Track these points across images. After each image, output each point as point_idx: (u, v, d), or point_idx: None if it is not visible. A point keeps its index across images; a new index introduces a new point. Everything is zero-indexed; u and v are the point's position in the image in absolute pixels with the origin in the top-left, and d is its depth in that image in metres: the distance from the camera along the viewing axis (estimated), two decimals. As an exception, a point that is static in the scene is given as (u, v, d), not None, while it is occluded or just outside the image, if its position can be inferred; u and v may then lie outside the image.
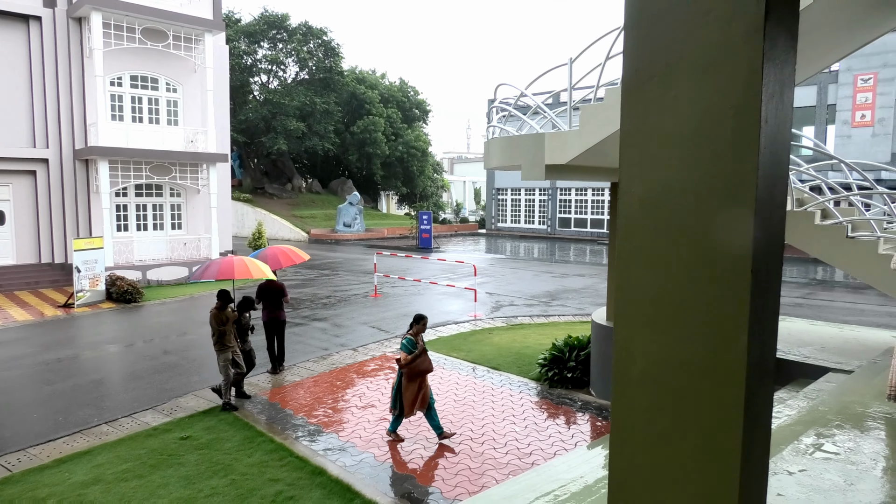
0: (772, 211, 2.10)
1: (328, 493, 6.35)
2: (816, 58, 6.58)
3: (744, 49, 1.97)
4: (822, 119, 28.88)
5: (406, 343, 7.48)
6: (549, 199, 40.97)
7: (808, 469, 3.55)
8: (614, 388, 2.40)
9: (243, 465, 7.01)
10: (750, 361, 2.05)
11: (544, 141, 7.17)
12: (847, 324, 9.22)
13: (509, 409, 8.71)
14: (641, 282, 2.28)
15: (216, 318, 8.78)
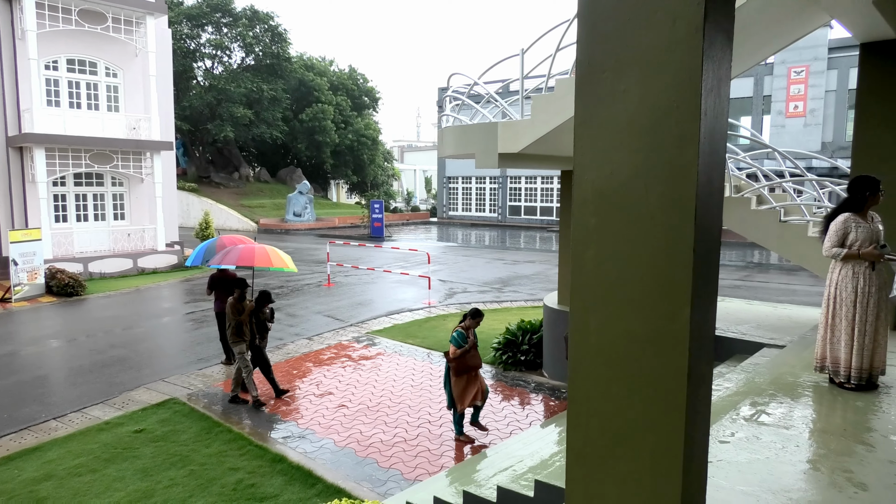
0: (711, 196, 2.31)
1: (289, 480, 6.41)
2: (753, 51, 6.95)
3: (686, 47, 2.16)
4: (759, 109, 30.13)
5: (456, 336, 7.08)
6: (500, 188, 41.43)
7: (746, 435, 3.85)
8: (571, 361, 2.59)
9: (201, 456, 6.99)
10: (692, 333, 2.26)
11: (497, 130, 7.34)
12: (780, 303, 9.78)
13: (465, 393, 8.90)
14: (595, 262, 2.46)
15: (234, 308, 8.59)
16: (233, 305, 8.60)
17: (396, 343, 11.49)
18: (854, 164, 6.68)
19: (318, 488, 6.24)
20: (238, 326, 8.57)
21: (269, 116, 41.10)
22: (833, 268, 4.70)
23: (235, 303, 8.60)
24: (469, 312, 7.27)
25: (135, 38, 20.30)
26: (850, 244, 4.53)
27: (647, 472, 2.37)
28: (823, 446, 3.70)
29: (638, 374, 2.39)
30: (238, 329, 8.57)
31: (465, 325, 7.21)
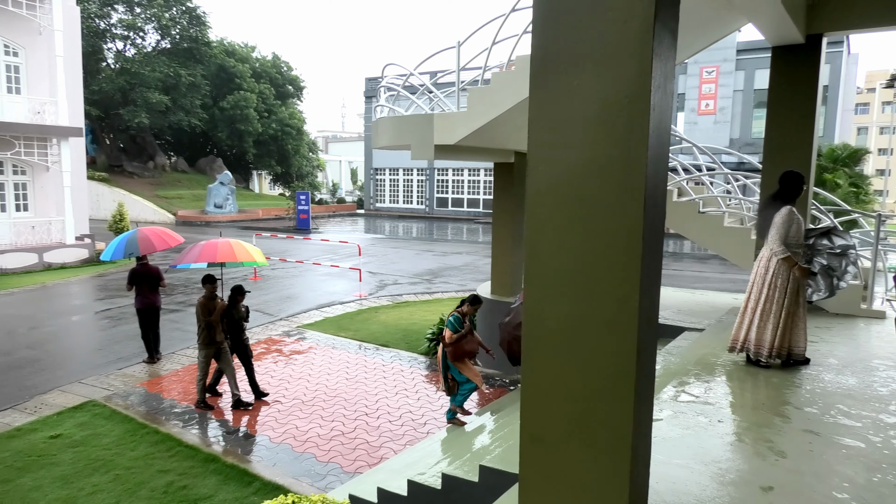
0: (657, 187, 2.44)
1: (224, 479, 6.24)
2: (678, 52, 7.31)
3: (637, 45, 2.27)
4: (675, 106, 31.62)
5: (453, 320, 6.79)
6: (427, 180, 41.54)
7: (678, 412, 4.09)
8: (525, 346, 2.68)
9: (127, 460, 6.68)
10: (641, 317, 2.39)
11: (433, 121, 7.38)
12: (697, 289, 10.37)
13: (401, 384, 8.95)
14: (549, 252, 2.55)
15: (203, 308, 7.88)
16: (202, 305, 7.88)
17: (329, 336, 11.37)
18: (765, 159, 7.16)
19: (255, 486, 6.11)
20: (209, 328, 7.89)
21: (187, 103, 39.34)
22: (760, 255, 5.04)
23: (205, 302, 7.89)
24: (468, 298, 7.02)
25: (38, 15, 18.91)
26: (792, 236, 4.87)
27: (600, 450, 2.49)
28: (745, 419, 3.99)
29: (590, 357, 2.50)
30: (210, 331, 7.91)
31: (462, 311, 6.95)
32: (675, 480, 3.11)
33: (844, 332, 6.31)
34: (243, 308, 8.34)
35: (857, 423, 3.92)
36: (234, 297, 8.19)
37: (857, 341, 6.06)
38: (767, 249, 4.99)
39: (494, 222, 10.30)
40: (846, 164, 22.37)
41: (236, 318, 8.22)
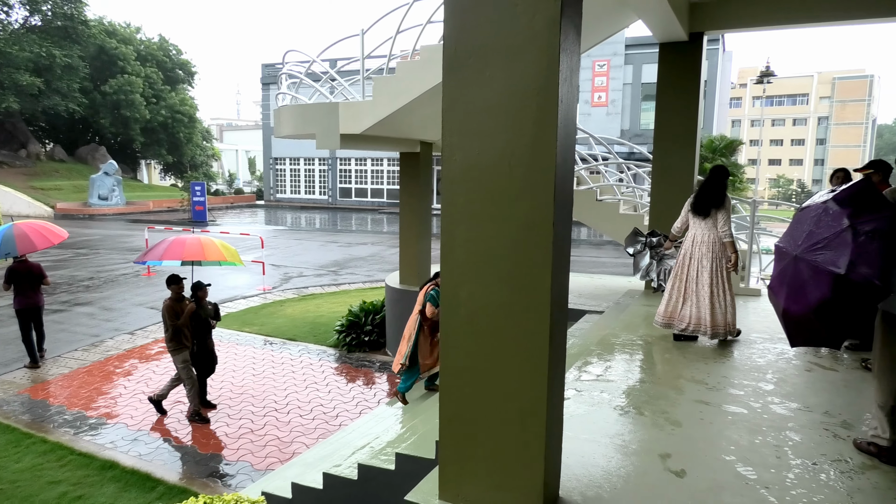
0: (566, 175, 2.56)
1: (124, 486, 5.91)
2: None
3: (545, 39, 2.36)
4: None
5: (434, 294, 6.34)
6: (330, 170, 40.79)
7: (582, 390, 4.31)
8: (442, 332, 2.74)
9: (11, 473, 6.16)
10: (552, 300, 2.50)
11: (338, 110, 7.27)
12: (595, 274, 10.91)
13: (311, 377, 8.81)
14: (464, 238, 2.62)
15: (170, 310, 7.22)
16: (169, 308, 7.21)
17: (232, 332, 10.97)
18: (655, 149, 7.64)
19: (159, 491, 5.83)
20: (176, 332, 7.23)
21: (63, 86, 36.29)
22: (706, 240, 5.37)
23: (172, 304, 7.23)
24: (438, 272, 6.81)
25: None
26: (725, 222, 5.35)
27: (515, 428, 2.59)
28: (644, 394, 4.27)
29: (506, 339, 2.60)
30: (176, 335, 7.24)
31: (438, 283, 6.54)
32: (583, 454, 3.29)
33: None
34: (210, 306, 7.72)
35: (741, 391, 4.30)
36: (195, 295, 7.52)
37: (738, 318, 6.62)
38: (714, 233, 5.35)
39: (401, 212, 10.31)
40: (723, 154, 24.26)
41: (203, 318, 7.55)
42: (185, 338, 7.30)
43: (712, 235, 5.35)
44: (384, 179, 39.26)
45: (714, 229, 5.35)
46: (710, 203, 5.33)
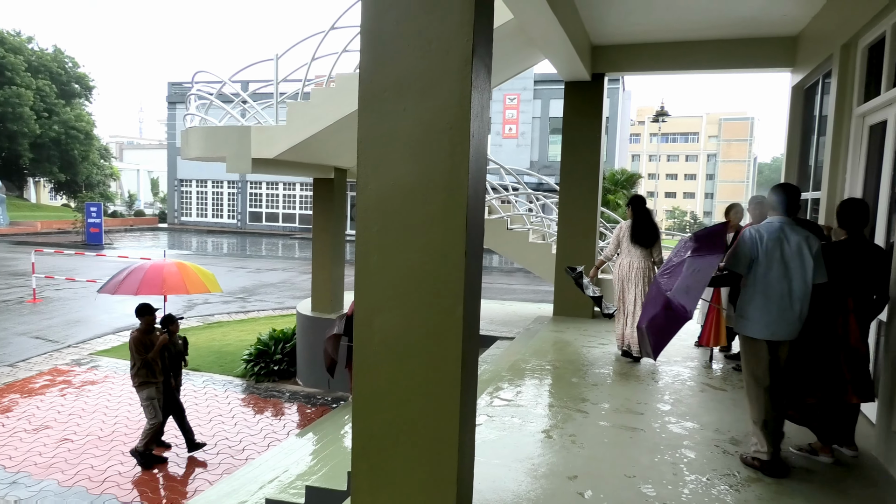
0: (477, 206, 2.66)
1: (0, 534, 5.39)
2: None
3: (458, 76, 2.47)
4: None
5: None
6: (239, 193, 39.58)
7: (494, 415, 4.40)
8: (356, 360, 2.74)
9: None
10: (465, 327, 2.57)
11: (251, 134, 7.13)
12: (506, 300, 11.18)
13: (216, 410, 8.43)
14: (378, 266, 2.65)
15: (139, 342, 6.54)
16: (137, 340, 6.57)
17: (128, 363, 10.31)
18: (562, 180, 8.00)
19: (40, 538, 5.35)
20: (145, 365, 6.60)
21: (-62, 97, 33.32)
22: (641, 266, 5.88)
23: (141, 336, 6.59)
24: None
25: None
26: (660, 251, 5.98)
27: (428, 456, 2.62)
28: (552, 417, 4.42)
29: (419, 366, 2.63)
30: (145, 369, 6.61)
31: None
32: (494, 479, 3.35)
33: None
34: (179, 340, 7.08)
35: (641, 412, 4.54)
36: (166, 327, 6.85)
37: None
38: (648, 262, 5.93)
39: (314, 238, 10.17)
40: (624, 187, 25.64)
41: (174, 353, 6.98)
42: (153, 373, 6.64)
43: (647, 263, 5.93)
44: (296, 204, 38.54)
45: (650, 258, 5.93)
46: (654, 235, 5.94)
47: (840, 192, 5.14)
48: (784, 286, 3.40)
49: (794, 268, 3.40)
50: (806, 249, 3.40)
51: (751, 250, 3.48)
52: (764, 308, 3.44)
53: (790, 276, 3.40)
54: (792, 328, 3.44)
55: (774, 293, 3.42)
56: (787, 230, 3.46)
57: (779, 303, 3.41)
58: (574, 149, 7.87)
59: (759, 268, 3.45)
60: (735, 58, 6.98)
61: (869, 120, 4.77)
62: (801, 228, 3.53)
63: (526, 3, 4.67)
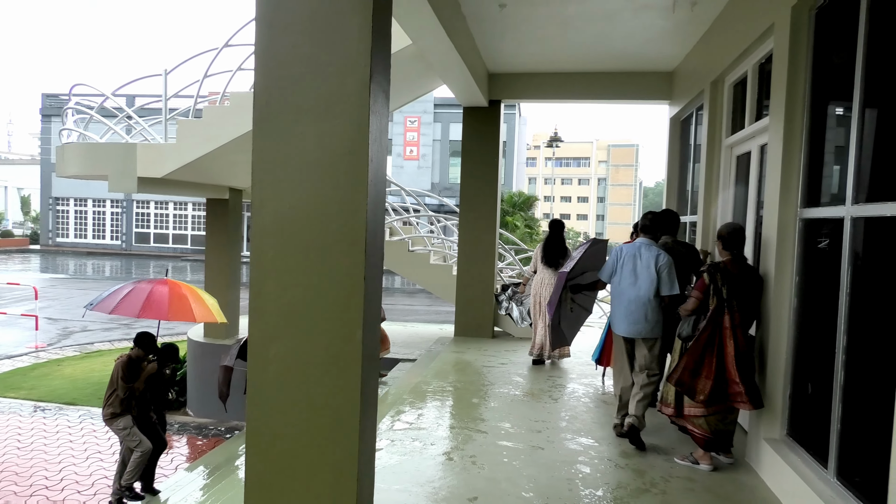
0: (376, 230, 2.65)
1: None
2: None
3: (356, 101, 2.47)
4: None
5: None
6: (124, 212, 37.12)
7: (395, 439, 4.35)
8: (250, 390, 2.63)
9: None
10: (364, 353, 2.54)
11: (136, 152, 6.73)
12: (408, 322, 11.17)
13: (94, 446, 7.77)
14: (275, 291, 2.58)
15: (127, 368, 5.66)
16: (125, 366, 5.74)
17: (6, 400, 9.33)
18: (461, 203, 8.15)
19: None
20: (129, 395, 5.75)
21: None
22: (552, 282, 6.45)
23: (129, 362, 5.76)
24: None
25: None
26: None
27: (326, 486, 2.54)
28: (453, 439, 4.44)
29: (317, 394, 2.56)
30: (128, 399, 5.75)
31: None
32: (395, 505, 3.31)
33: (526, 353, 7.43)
34: (167, 370, 6.21)
35: (538, 430, 4.66)
36: (165, 360, 6.08)
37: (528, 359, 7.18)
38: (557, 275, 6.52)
39: (207, 260, 9.71)
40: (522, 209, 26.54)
41: (163, 383, 6.22)
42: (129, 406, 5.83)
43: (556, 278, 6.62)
44: (188, 224, 36.66)
45: None
46: (559, 255, 6.70)
47: (713, 217, 5.59)
48: (632, 293, 4.29)
49: (642, 280, 4.26)
50: (653, 266, 4.24)
51: (612, 263, 4.47)
52: (617, 309, 4.42)
53: (639, 286, 4.26)
54: (639, 328, 4.30)
55: (624, 298, 4.34)
56: (643, 249, 4.34)
57: (627, 306, 4.33)
58: (473, 172, 8.05)
59: (616, 277, 4.42)
60: (619, 90, 7.45)
61: (736, 150, 5.23)
62: (656, 248, 4.37)
63: (425, 30, 4.76)
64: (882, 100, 2.98)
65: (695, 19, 5.46)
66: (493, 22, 5.73)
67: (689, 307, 3.99)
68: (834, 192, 3.42)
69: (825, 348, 3.25)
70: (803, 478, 3.25)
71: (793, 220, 3.75)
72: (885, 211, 2.77)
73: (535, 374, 6.45)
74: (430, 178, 33.14)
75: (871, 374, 2.90)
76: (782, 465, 3.50)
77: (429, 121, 32.74)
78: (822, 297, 3.34)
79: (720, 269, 3.85)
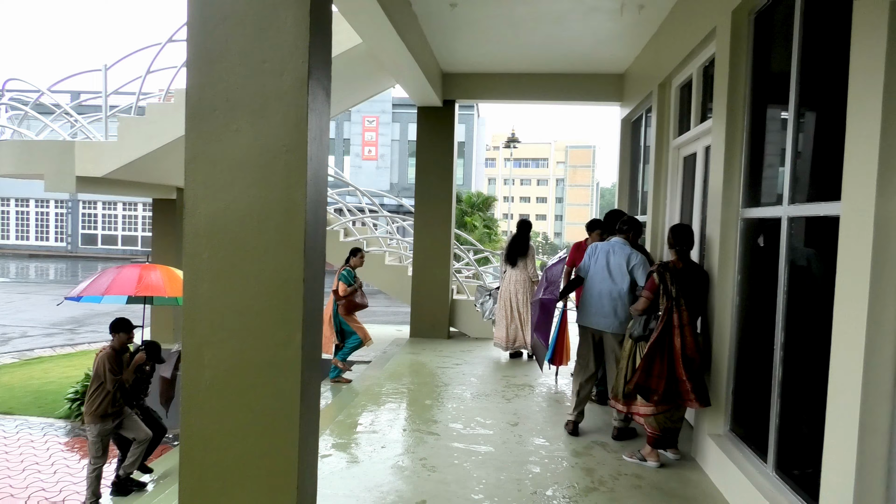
0: (317, 230, 2.58)
1: None
2: (337, 102, 7.83)
3: (293, 98, 2.40)
4: (341, 150, 33.53)
5: (346, 274, 7.07)
6: (69, 213, 35.77)
7: (345, 444, 4.27)
8: (184, 397, 2.53)
9: None
10: (304, 357, 2.47)
11: (74, 150, 6.46)
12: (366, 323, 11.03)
13: (31, 458, 7.42)
14: (209, 295, 2.49)
15: (111, 361, 5.28)
16: (110, 358, 5.33)
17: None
18: (417, 202, 8.11)
19: None
20: (119, 389, 5.37)
21: None
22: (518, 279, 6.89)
23: (113, 354, 5.37)
24: (351, 251, 7.27)
25: None
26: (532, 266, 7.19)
27: (265, 495, 2.46)
28: (405, 442, 4.39)
29: (254, 401, 2.48)
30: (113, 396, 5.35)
31: (352, 265, 7.19)
32: (341, 511, 3.24)
33: (482, 354, 7.43)
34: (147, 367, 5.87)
35: (490, 431, 4.64)
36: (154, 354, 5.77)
37: (490, 359, 7.19)
38: (525, 274, 6.93)
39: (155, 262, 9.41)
40: (481, 209, 26.63)
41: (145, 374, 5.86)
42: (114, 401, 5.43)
43: (523, 276, 6.93)
44: (138, 225, 35.57)
45: (525, 271, 6.90)
46: (517, 254, 6.92)
47: (662, 217, 5.69)
48: (603, 287, 4.46)
49: (615, 275, 4.43)
50: (625, 264, 4.42)
51: (587, 260, 4.63)
52: (587, 302, 4.56)
53: (611, 280, 4.43)
54: (608, 321, 4.44)
55: (595, 291, 4.51)
56: (618, 247, 4.51)
57: (598, 299, 4.49)
58: (428, 172, 8.01)
59: (590, 272, 4.56)
60: (571, 91, 7.52)
61: (683, 152, 5.33)
62: (629, 247, 4.46)
63: (374, 28, 4.70)
64: (816, 102, 3.06)
65: (643, 22, 5.53)
66: (444, 21, 5.70)
67: (639, 307, 4.02)
68: (772, 193, 3.51)
69: (765, 345, 3.32)
70: (744, 472, 3.31)
71: (734, 220, 3.83)
72: (819, 211, 2.84)
73: (490, 374, 6.45)
74: (389, 178, 32.97)
75: (807, 371, 2.98)
76: (725, 461, 3.57)
77: (387, 121, 32.57)
78: (762, 296, 3.42)
79: (668, 269, 3.90)
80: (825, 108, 2.96)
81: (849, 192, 2.44)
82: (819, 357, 2.75)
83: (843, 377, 2.41)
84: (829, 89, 2.83)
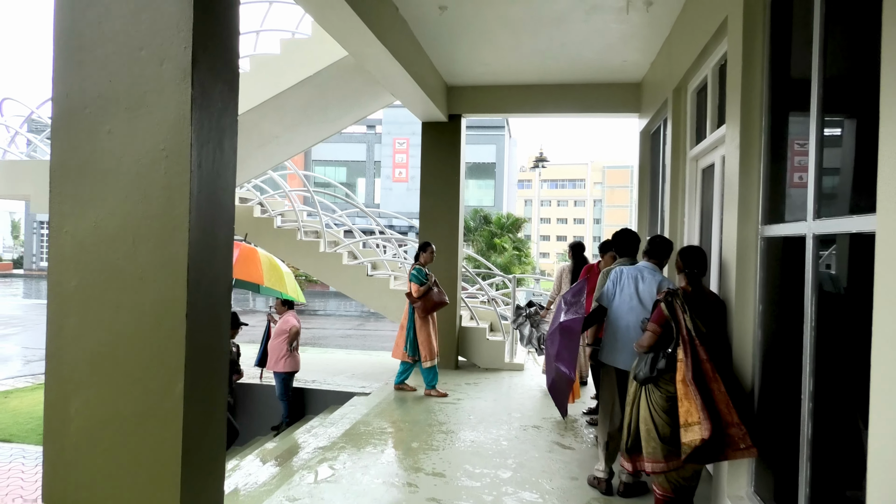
0: (212, 255, 2.10)
1: None
2: (335, 119, 7.51)
3: (174, 92, 1.93)
4: (371, 173, 33.54)
5: (416, 273, 6.21)
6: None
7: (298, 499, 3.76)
8: (45, 454, 2.07)
9: None
10: (188, 409, 1.98)
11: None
12: (375, 350, 10.59)
13: (18, 491, 7.13)
14: (77, 332, 2.02)
15: None
16: None
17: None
18: (421, 222, 7.65)
19: None
20: None
21: None
22: None
23: None
24: (420, 245, 6.47)
25: None
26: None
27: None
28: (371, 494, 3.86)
29: (128, 460, 2.01)
30: None
31: (421, 262, 6.36)
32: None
33: (490, 387, 6.85)
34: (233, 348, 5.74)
35: (478, 482, 4.07)
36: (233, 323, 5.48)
37: (499, 393, 6.61)
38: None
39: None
40: (510, 231, 26.05)
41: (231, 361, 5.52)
42: None
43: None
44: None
45: None
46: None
47: (680, 236, 5.08)
48: (631, 318, 3.70)
49: (646, 305, 3.65)
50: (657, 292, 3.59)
51: (611, 287, 3.88)
52: (612, 336, 3.81)
53: (644, 311, 3.64)
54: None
55: (622, 323, 3.76)
56: (647, 272, 3.79)
57: (625, 333, 3.71)
58: (433, 190, 7.58)
59: (614, 301, 3.83)
60: (587, 102, 7.00)
61: (701, 163, 4.74)
62: (660, 273, 3.86)
63: (347, 31, 4.29)
64: (843, 101, 2.48)
65: (653, 22, 5.01)
66: (436, 27, 5.28)
67: (644, 343, 3.38)
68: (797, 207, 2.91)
69: (792, 391, 2.71)
70: (766, 548, 2.68)
71: (754, 239, 3.23)
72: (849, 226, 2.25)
73: (492, 411, 5.88)
74: (420, 200, 32.74)
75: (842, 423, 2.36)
76: (745, 531, 2.94)
77: (418, 142, 32.45)
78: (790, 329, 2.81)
79: (677, 295, 3.29)
80: (853, 107, 2.39)
81: (885, 204, 1.87)
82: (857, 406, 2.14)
83: (885, 429, 1.81)
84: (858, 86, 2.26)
